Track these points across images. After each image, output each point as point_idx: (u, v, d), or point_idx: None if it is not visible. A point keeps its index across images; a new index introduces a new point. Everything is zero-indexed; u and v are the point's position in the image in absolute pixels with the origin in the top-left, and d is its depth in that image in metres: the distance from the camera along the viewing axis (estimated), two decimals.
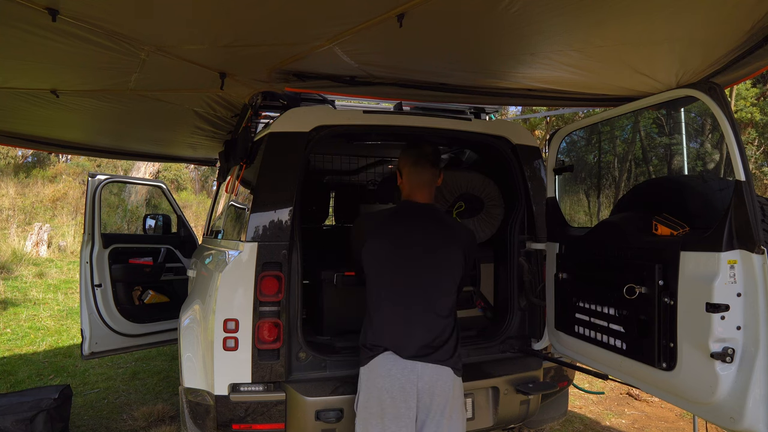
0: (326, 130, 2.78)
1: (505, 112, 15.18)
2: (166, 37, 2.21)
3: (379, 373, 2.19)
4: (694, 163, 13.39)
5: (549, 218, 2.94)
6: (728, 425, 1.88)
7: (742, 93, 13.00)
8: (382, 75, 2.57)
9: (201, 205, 17.42)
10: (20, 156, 18.67)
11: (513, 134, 3.16)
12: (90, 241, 4.39)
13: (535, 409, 2.91)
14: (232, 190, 3.42)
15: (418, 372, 2.17)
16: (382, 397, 2.17)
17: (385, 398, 2.16)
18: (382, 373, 2.18)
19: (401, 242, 2.32)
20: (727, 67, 2.09)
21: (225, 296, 2.53)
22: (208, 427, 2.62)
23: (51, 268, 11.11)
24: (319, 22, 1.96)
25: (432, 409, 2.18)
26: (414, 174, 2.40)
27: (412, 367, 2.18)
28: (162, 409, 4.24)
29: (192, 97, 3.25)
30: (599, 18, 1.81)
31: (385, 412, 2.16)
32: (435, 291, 2.29)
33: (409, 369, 2.17)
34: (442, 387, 2.19)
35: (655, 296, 2.11)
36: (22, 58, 2.45)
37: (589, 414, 4.47)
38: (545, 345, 2.96)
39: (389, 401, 2.16)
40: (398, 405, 2.15)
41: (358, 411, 2.26)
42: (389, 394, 2.16)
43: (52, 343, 6.55)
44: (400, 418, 2.15)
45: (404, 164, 2.44)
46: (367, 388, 2.22)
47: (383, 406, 2.16)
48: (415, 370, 2.17)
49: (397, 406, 2.15)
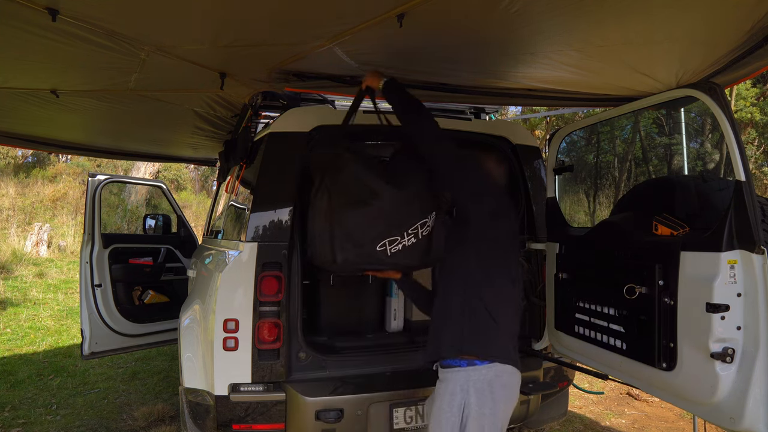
0: (326, 130, 2.78)
1: (505, 112, 15.18)
2: (166, 37, 2.21)
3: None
4: (694, 163, 13.39)
5: (549, 218, 2.94)
6: (728, 425, 1.88)
7: (742, 93, 13.00)
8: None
9: (201, 205, 17.42)
10: (20, 156, 18.67)
11: (513, 134, 3.16)
12: (90, 241, 4.39)
13: (535, 409, 2.91)
14: (232, 190, 3.42)
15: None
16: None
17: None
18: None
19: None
20: (727, 67, 2.09)
21: (225, 296, 2.53)
22: (208, 427, 2.62)
23: (51, 268, 11.11)
24: (319, 22, 1.96)
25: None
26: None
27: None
28: (162, 409, 4.24)
29: (192, 97, 3.25)
30: (599, 18, 1.81)
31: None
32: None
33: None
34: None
35: (655, 296, 2.11)
36: (22, 58, 2.45)
37: (589, 414, 4.47)
38: (545, 345, 2.96)
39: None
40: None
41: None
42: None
43: (52, 343, 6.55)
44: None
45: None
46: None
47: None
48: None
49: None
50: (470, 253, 2.08)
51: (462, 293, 2.06)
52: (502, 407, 2.01)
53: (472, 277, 2.06)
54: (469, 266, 2.07)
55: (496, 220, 2.08)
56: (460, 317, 2.03)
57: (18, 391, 4.84)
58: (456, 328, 2.04)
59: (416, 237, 2.27)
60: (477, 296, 2.03)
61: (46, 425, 4.09)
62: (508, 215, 2.15)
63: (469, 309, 2.03)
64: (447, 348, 2.05)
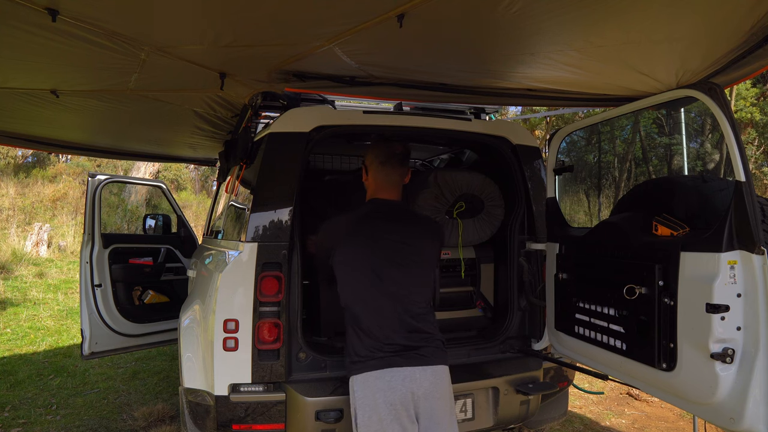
0: (326, 130, 2.78)
1: (505, 112, 15.18)
2: (166, 37, 2.21)
3: (378, 386, 2.08)
4: (694, 163, 13.40)
5: (549, 218, 2.94)
6: (728, 425, 1.88)
7: (742, 93, 13.01)
8: (382, 75, 2.57)
9: (201, 205, 17.42)
10: (20, 156, 18.68)
11: (513, 134, 3.16)
12: (90, 241, 4.39)
13: (535, 409, 2.91)
14: (232, 190, 3.42)
15: (418, 379, 2.10)
16: (384, 412, 2.05)
17: (388, 412, 2.05)
18: (382, 386, 2.07)
19: (380, 243, 2.25)
20: (727, 67, 2.09)
21: (225, 296, 2.53)
22: (208, 427, 2.62)
23: (51, 268, 11.11)
24: (319, 22, 1.96)
25: (435, 413, 2.12)
26: (382, 173, 2.35)
27: (411, 374, 2.09)
28: (162, 409, 4.24)
29: (192, 97, 3.25)
30: (599, 18, 1.81)
31: (390, 425, 2.05)
32: (420, 286, 2.27)
33: (410, 378, 2.09)
34: (444, 388, 2.17)
35: (655, 297, 2.11)
36: (22, 58, 2.45)
37: (589, 414, 4.47)
38: (545, 345, 2.96)
39: (393, 414, 2.05)
40: (401, 416, 2.06)
41: (360, 426, 2.10)
42: (392, 407, 2.06)
43: (52, 343, 6.55)
44: (406, 428, 2.07)
45: (372, 162, 2.37)
46: (365, 405, 2.09)
47: (386, 421, 2.05)
48: (414, 378, 2.09)
49: (400, 418, 2.06)
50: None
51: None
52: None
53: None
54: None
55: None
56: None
57: (18, 391, 4.84)
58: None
59: None
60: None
61: (46, 425, 4.09)
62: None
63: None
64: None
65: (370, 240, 2.25)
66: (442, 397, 2.16)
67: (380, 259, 2.23)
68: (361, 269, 2.23)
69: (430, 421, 2.12)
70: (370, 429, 2.07)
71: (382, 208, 2.34)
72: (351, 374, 2.18)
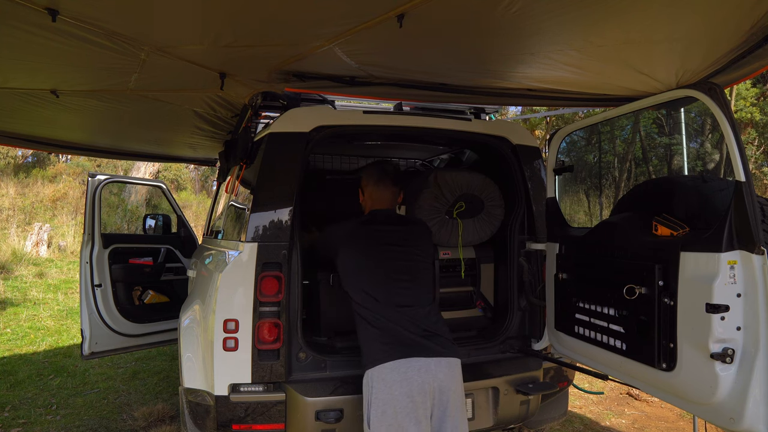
0: (326, 130, 2.78)
1: (505, 112, 15.19)
2: (166, 37, 2.21)
3: (393, 378, 2.12)
4: (694, 163, 13.40)
5: (549, 218, 2.94)
6: (728, 425, 1.88)
7: (742, 93, 13.01)
8: (382, 75, 2.57)
9: (201, 205, 17.42)
10: (20, 156, 18.68)
11: (513, 134, 3.16)
12: (90, 241, 4.39)
13: (535, 409, 2.91)
14: (232, 190, 3.42)
15: (433, 370, 2.15)
16: (401, 405, 2.09)
17: (406, 403, 2.09)
18: (398, 377, 2.12)
19: (384, 242, 2.43)
20: (727, 67, 2.09)
21: (225, 296, 2.53)
22: (208, 427, 2.62)
23: (51, 268, 11.11)
24: (319, 22, 1.96)
25: (449, 405, 2.17)
26: (377, 192, 2.58)
27: (426, 365, 2.15)
28: (162, 409, 4.24)
29: (192, 97, 3.25)
30: (599, 18, 1.81)
31: (406, 418, 2.08)
32: (422, 283, 2.44)
33: (425, 368, 2.14)
34: (458, 381, 2.22)
35: (655, 297, 2.11)
36: (22, 58, 2.45)
37: (589, 414, 4.47)
38: (545, 345, 2.96)
39: (410, 406, 2.09)
40: (417, 409, 2.10)
41: (373, 421, 2.13)
42: (410, 399, 2.10)
43: (52, 343, 6.55)
44: (420, 421, 2.10)
45: (367, 183, 2.60)
46: (380, 399, 2.13)
47: (401, 414, 2.09)
48: (430, 369, 2.15)
49: (416, 410, 2.10)
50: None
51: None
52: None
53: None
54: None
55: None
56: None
57: (18, 391, 4.84)
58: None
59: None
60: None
61: (46, 425, 4.09)
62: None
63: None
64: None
65: (373, 240, 2.44)
66: (456, 390, 2.21)
67: (386, 257, 2.40)
68: (367, 267, 2.38)
69: (444, 413, 2.17)
70: (383, 424, 2.10)
71: (381, 215, 2.57)
72: (366, 368, 2.24)
